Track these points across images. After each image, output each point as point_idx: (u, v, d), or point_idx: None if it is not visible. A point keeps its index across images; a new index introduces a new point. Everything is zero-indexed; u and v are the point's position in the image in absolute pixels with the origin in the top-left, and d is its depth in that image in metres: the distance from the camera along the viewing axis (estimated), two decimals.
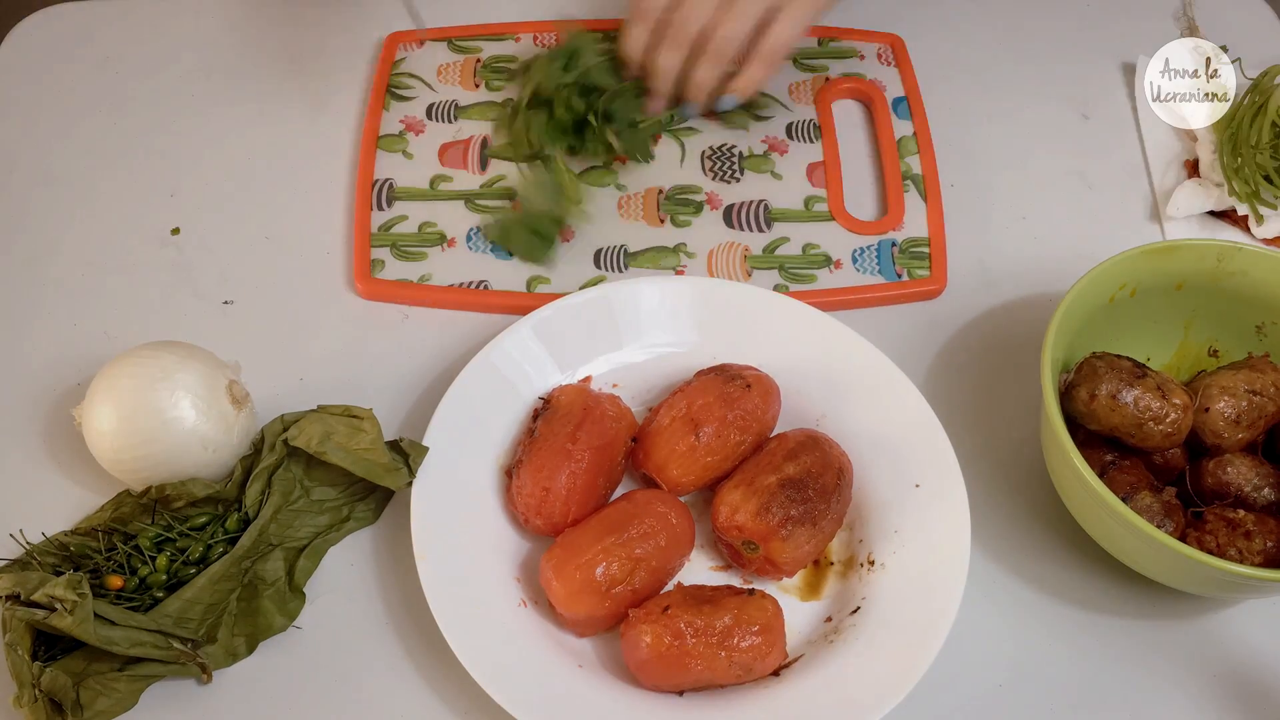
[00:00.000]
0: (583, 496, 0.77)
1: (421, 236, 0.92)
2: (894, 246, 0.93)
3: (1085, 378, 0.77)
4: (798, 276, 0.91)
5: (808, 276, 0.91)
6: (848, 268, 0.92)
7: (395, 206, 0.93)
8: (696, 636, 0.71)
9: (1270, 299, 0.82)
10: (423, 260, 0.90)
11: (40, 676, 0.68)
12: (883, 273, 0.91)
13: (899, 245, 0.93)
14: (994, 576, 0.80)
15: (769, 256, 0.92)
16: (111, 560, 0.73)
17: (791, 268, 0.91)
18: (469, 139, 0.97)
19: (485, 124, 0.98)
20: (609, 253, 0.92)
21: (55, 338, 0.87)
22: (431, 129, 0.98)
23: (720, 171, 0.97)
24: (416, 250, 0.91)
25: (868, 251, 0.92)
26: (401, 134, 0.97)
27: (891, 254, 0.92)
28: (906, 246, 0.93)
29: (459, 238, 0.92)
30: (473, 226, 0.92)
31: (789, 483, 0.76)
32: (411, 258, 0.91)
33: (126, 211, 0.94)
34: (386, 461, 0.76)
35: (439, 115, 0.99)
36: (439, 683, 0.74)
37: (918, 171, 0.97)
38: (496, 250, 0.91)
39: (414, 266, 0.90)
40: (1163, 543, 0.70)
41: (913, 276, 0.91)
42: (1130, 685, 0.77)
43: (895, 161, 0.97)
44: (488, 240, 0.91)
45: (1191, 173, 1.00)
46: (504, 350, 0.82)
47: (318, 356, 0.87)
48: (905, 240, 0.93)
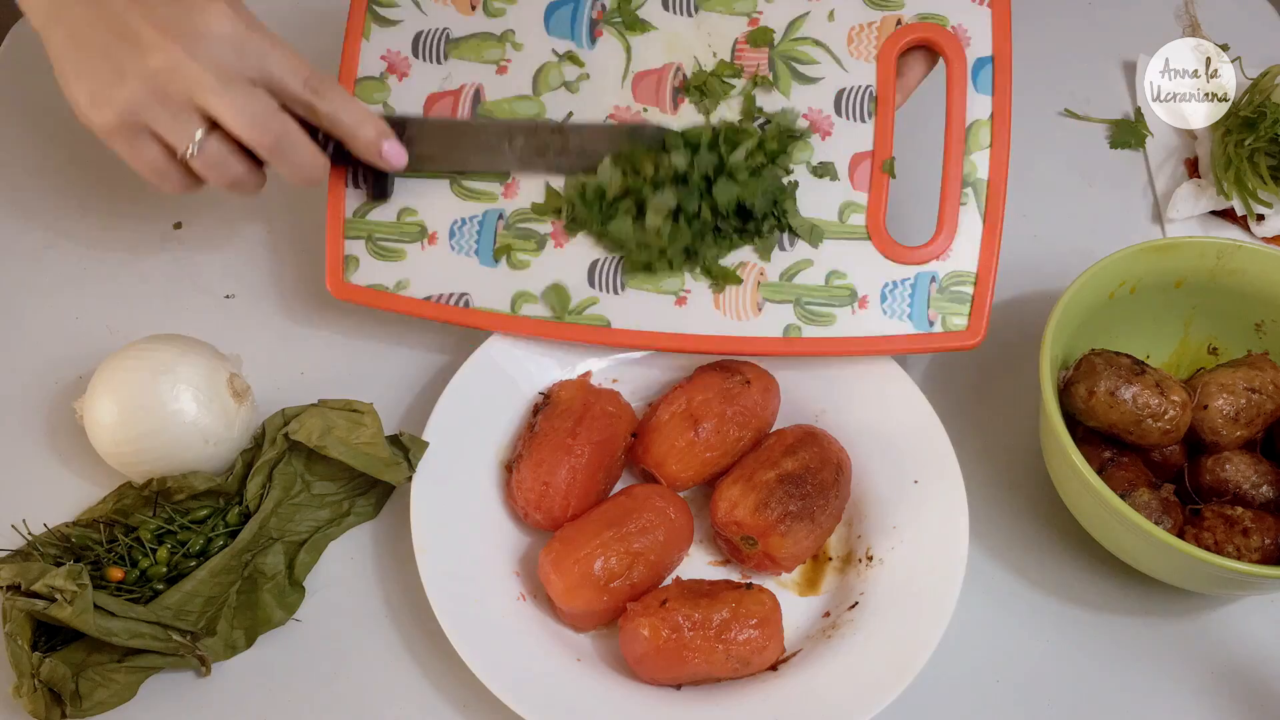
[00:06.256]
0: (582, 491, 0.77)
1: (400, 227, 0.82)
2: (933, 282, 0.79)
3: (1084, 374, 0.77)
4: (815, 316, 0.79)
5: (826, 317, 0.79)
6: (874, 306, 0.79)
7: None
8: (694, 630, 0.71)
9: (1270, 297, 0.82)
10: (400, 261, 0.82)
11: (40, 667, 0.68)
12: (913, 318, 0.79)
13: (939, 281, 0.79)
14: (992, 572, 0.80)
15: (785, 285, 0.80)
16: (112, 552, 0.73)
17: (809, 303, 0.80)
18: (460, 88, 0.82)
19: (479, 68, 0.82)
20: (605, 266, 0.82)
21: (58, 331, 0.87)
22: (417, 71, 0.82)
23: None
24: (394, 246, 0.82)
25: (901, 288, 0.79)
26: (383, 76, 0.82)
27: (929, 292, 0.79)
28: (948, 284, 0.79)
29: (441, 232, 0.82)
30: (456, 219, 0.82)
31: (788, 478, 0.76)
32: (388, 256, 0.82)
33: (128, 206, 0.94)
34: (387, 456, 0.76)
35: (427, 51, 0.82)
36: (438, 676, 0.74)
37: (982, 175, 0.79)
38: (482, 251, 0.81)
39: (390, 269, 0.82)
40: (1161, 539, 0.70)
41: (946, 327, 0.79)
42: (1128, 682, 0.77)
43: (959, 159, 0.79)
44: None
45: (1191, 171, 1.00)
46: (504, 346, 0.82)
47: (319, 351, 0.87)
48: (948, 275, 0.79)
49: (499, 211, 0.82)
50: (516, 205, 0.82)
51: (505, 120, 0.82)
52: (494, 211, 0.82)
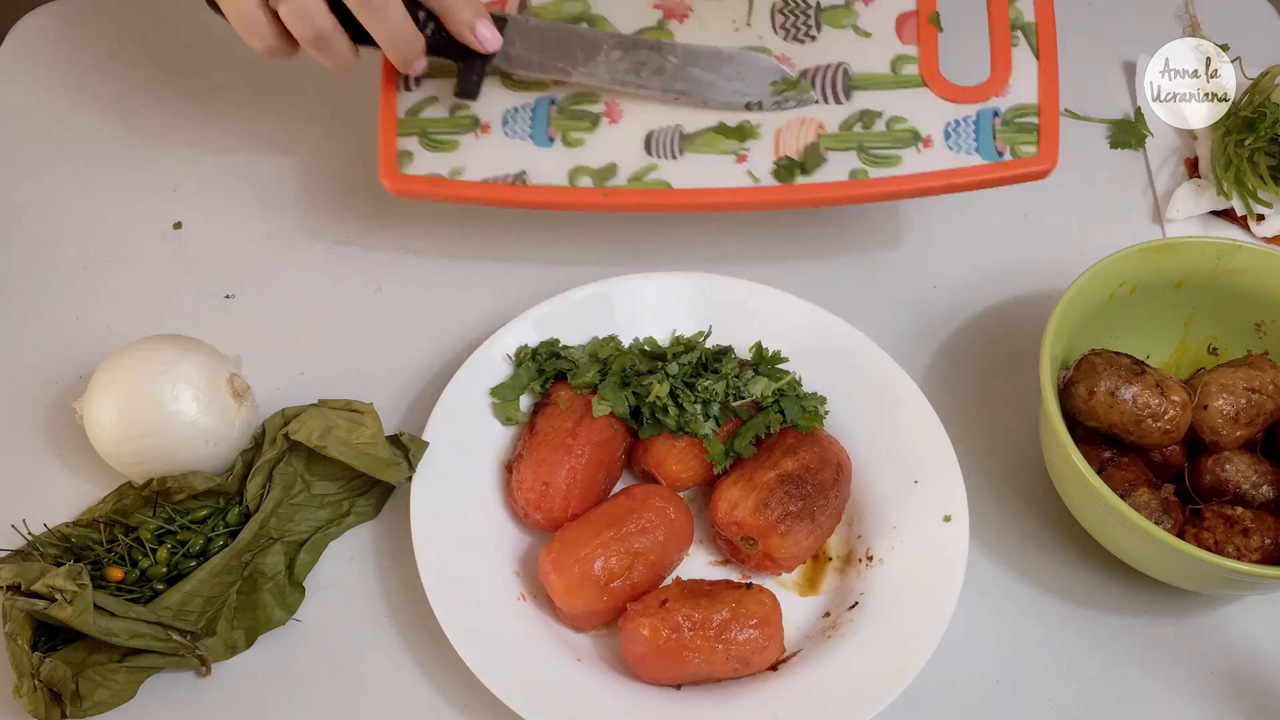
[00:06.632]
0: (582, 491, 0.77)
1: (453, 121, 0.82)
2: (996, 116, 0.81)
3: (1084, 374, 0.77)
4: (879, 159, 0.80)
5: (891, 159, 0.80)
6: (939, 145, 0.80)
7: (423, 85, 0.83)
8: (694, 630, 0.71)
9: (1270, 297, 0.82)
10: (454, 150, 0.82)
11: (39, 667, 0.68)
12: (980, 151, 0.80)
13: (1002, 115, 0.81)
14: (992, 573, 0.80)
15: (846, 134, 0.81)
16: (112, 552, 0.73)
17: (873, 148, 0.80)
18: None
19: None
20: (661, 136, 0.82)
21: (57, 331, 0.87)
22: None
23: (792, 28, 0.83)
24: (447, 138, 0.82)
25: (964, 125, 0.81)
26: None
27: (993, 126, 0.81)
28: (1011, 117, 0.80)
29: (494, 121, 0.82)
30: (508, 107, 0.82)
31: (788, 478, 0.76)
32: (442, 147, 0.82)
33: (128, 206, 0.94)
34: (387, 456, 0.76)
35: None
36: (438, 676, 0.74)
37: (1030, 20, 0.82)
38: (537, 134, 0.81)
39: (444, 159, 0.82)
40: (1161, 539, 0.70)
41: (1016, 155, 0.80)
42: (1128, 682, 0.77)
43: (1004, 5, 0.82)
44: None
45: (1191, 171, 1.00)
46: (505, 345, 0.82)
47: (319, 351, 0.87)
48: (1010, 109, 0.81)
49: (551, 98, 0.83)
50: (567, 91, 0.83)
51: (605, 32, 0.82)
52: (545, 98, 0.83)
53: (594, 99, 0.82)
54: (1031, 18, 0.82)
